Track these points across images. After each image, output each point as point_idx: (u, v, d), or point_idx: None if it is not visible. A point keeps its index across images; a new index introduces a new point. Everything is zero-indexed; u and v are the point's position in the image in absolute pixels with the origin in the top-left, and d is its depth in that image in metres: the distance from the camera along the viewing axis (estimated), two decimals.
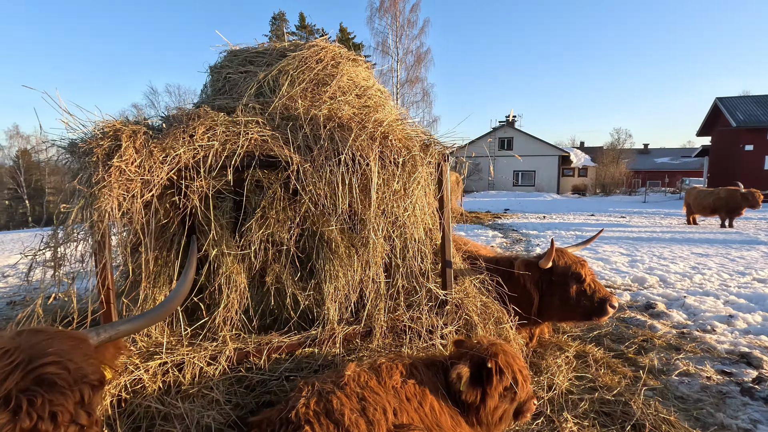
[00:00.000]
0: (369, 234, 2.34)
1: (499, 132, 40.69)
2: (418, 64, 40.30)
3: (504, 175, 40.88)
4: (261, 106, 2.42)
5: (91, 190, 1.79)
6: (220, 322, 2.37)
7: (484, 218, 17.62)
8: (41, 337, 1.32)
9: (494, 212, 20.87)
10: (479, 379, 2.04)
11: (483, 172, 41.52)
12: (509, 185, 40.63)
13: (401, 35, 39.85)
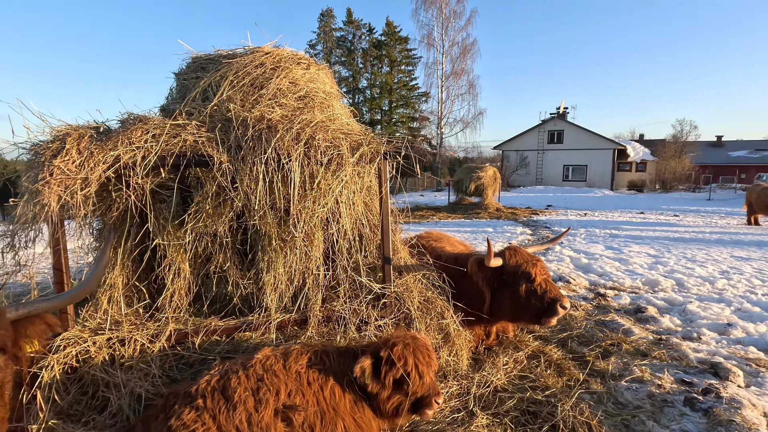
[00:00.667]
0: (291, 228, 2.49)
1: (549, 125, 38.95)
2: (463, 55, 39.52)
3: (553, 169, 39.13)
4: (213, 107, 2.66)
5: (34, 186, 2.11)
6: (165, 304, 2.65)
7: (520, 214, 17.10)
8: None
9: (535, 208, 20.14)
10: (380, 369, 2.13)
11: (531, 166, 40.07)
12: (558, 180, 38.86)
13: (447, 27, 39.23)
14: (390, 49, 47.41)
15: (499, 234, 10.91)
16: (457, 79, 40.01)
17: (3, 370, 1.68)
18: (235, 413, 1.88)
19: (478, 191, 19.45)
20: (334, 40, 48.93)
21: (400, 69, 48.81)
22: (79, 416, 2.23)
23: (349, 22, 49.07)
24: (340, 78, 49.50)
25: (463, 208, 19.37)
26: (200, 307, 2.88)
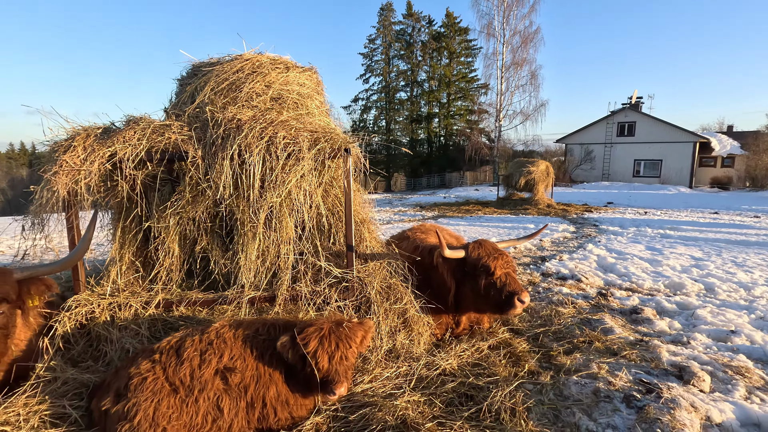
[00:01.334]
0: (251, 215, 2.83)
1: (619, 116, 36.20)
2: (524, 45, 37.93)
3: (622, 164, 36.39)
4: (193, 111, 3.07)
5: (47, 176, 2.63)
6: (161, 275, 3.13)
7: (571, 211, 16.34)
8: None
9: (592, 205, 19.08)
10: None
11: (596, 161, 37.63)
12: (628, 176, 36.10)
13: (508, 15, 37.85)
14: (449, 41, 46.72)
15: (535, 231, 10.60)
16: (517, 69, 38.49)
17: (7, 317, 2.19)
18: (181, 368, 2.26)
19: (528, 186, 18.82)
20: (393, 34, 49.12)
21: (459, 61, 47.96)
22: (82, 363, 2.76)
23: (409, 14, 48.99)
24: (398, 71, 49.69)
25: (512, 203, 18.87)
26: (193, 282, 3.34)
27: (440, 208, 19.40)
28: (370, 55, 50.10)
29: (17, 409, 2.27)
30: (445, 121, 48.44)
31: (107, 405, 2.18)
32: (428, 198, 28.62)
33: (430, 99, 48.65)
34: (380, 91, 50.29)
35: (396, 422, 2.30)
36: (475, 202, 21.80)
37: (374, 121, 51.41)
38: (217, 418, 2.23)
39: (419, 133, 50.60)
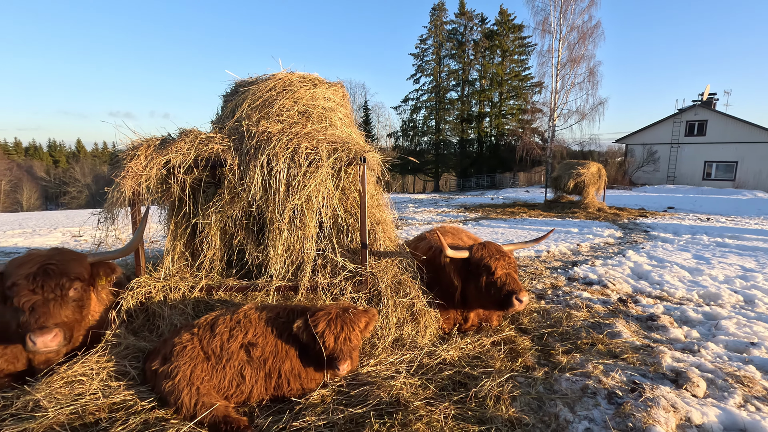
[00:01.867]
0: (276, 215, 3.26)
1: (688, 114, 33.64)
2: (582, 41, 36.35)
3: (690, 166, 33.79)
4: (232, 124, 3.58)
5: (117, 179, 3.24)
6: (205, 264, 3.67)
7: (624, 216, 15.65)
8: (59, 252, 2.76)
9: (650, 210, 18.09)
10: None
11: (661, 162, 35.25)
12: (697, 179, 33.48)
13: (566, 10, 36.45)
14: (502, 39, 45.73)
15: (576, 235, 10.37)
16: (574, 66, 36.95)
17: (81, 292, 2.78)
18: (214, 341, 2.74)
19: (577, 189, 18.21)
20: (445, 34, 48.90)
21: (512, 59, 46.80)
22: (140, 334, 3.36)
23: (461, 13, 48.55)
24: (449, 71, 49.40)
25: (559, 206, 18.36)
26: (232, 271, 3.87)
27: (485, 209, 19.27)
28: (421, 55, 50.23)
29: (91, 364, 2.86)
30: (497, 121, 47.49)
31: (156, 366, 2.70)
32: (475, 199, 28.36)
33: (482, 98, 47.89)
34: (430, 91, 50.27)
35: (390, 399, 2.63)
36: (522, 204, 21.39)
37: (424, 121, 51.49)
38: (240, 383, 2.69)
39: (469, 133, 49.97)
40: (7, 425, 2.36)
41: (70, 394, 2.61)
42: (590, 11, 35.71)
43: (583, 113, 37.84)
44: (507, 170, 46.13)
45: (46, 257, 2.70)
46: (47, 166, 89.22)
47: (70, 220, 17.32)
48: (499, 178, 46.17)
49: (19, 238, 11.25)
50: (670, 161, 34.39)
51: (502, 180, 45.91)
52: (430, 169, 51.87)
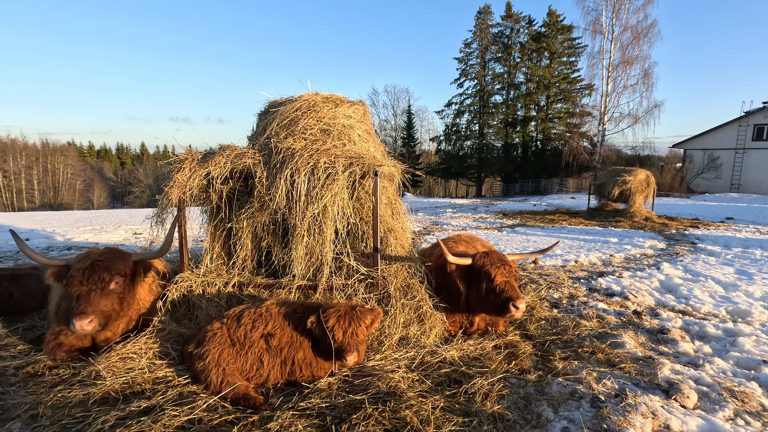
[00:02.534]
0: (297, 222, 3.67)
1: (756, 117, 31.17)
2: (636, 41, 34.77)
3: (758, 173, 31.24)
4: (263, 141, 4.05)
5: (166, 189, 3.79)
6: (237, 263, 4.17)
7: (672, 226, 14.94)
8: (109, 251, 3.33)
9: (704, 220, 17.09)
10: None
11: (724, 169, 32.87)
12: (766, 187, 30.86)
13: (618, 9, 35.01)
14: (550, 41, 44.50)
15: (614, 245, 10.12)
16: (627, 68, 35.38)
17: (122, 286, 3.33)
18: (238, 330, 3.18)
19: (623, 197, 17.52)
20: (490, 37, 48.31)
21: (560, 61, 45.40)
22: (182, 321, 3.89)
23: (508, 16, 47.79)
24: (494, 75, 48.71)
25: (603, 214, 17.76)
26: (261, 270, 4.34)
27: (524, 216, 18.99)
28: (465, 59, 49.92)
29: (141, 345, 3.41)
30: (543, 125, 46.19)
31: (191, 349, 3.19)
32: (516, 205, 27.86)
33: (527, 102, 46.78)
34: (474, 95, 49.80)
35: (387, 389, 2.95)
36: (564, 212, 20.84)
37: (467, 125, 51.05)
38: (259, 368, 3.11)
39: (514, 137, 48.93)
40: (76, 389, 2.92)
41: (123, 368, 3.15)
42: (645, 10, 34.08)
43: (636, 117, 36.10)
44: (553, 176, 44.71)
45: (98, 255, 3.28)
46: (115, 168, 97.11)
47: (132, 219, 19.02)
48: (544, 184, 44.85)
49: (89, 234, 12.62)
50: (735, 168, 31.99)
51: (547, 186, 44.55)
52: (473, 173, 51.30)
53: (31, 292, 4.55)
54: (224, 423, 2.61)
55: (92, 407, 2.74)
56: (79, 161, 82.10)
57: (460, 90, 50.61)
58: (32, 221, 17.24)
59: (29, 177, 70.77)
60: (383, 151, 4.73)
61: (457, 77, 50.38)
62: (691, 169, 33.56)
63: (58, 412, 2.68)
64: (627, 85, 35.68)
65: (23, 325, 4.18)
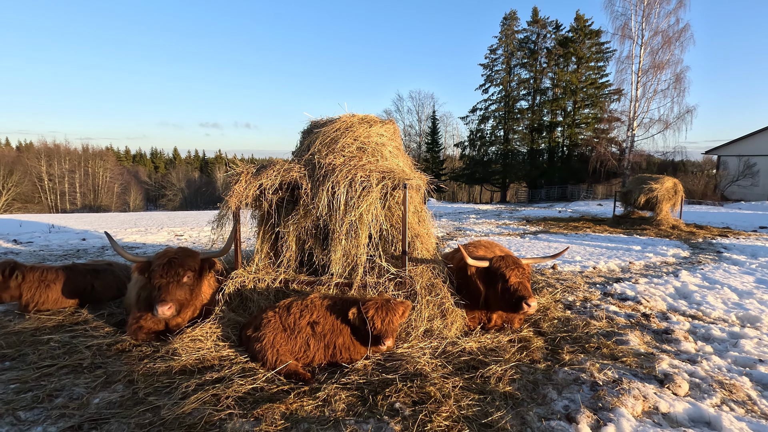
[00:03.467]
0: (337, 228, 4.25)
1: None
2: (667, 45, 34.20)
3: None
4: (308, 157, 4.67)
5: (226, 198, 4.45)
6: (283, 262, 4.79)
7: (700, 235, 14.87)
8: (182, 250, 4.00)
9: (736, 229, 16.82)
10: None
11: (761, 176, 31.85)
12: None
13: (648, 14, 34.56)
14: (578, 46, 44.13)
15: (635, 253, 10.31)
16: (657, 72, 34.80)
17: (193, 280, 3.98)
18: (289, 318, 3.78)
19: (649, 205, 17.45)
20: (516, 43, 48.27)
21: (588, 66, 44.92)
22: (237, 311, 4.53)
23: (534, 21, 47.68)
24: (519, 80, 48.59)
25: (629, 222, 17.73)
26: (303, 269, 4.95)
27: (547, 223, 19.13)
28: (491, 65, 50.01)
29: (206, 329, 4.06)
30: (569, 131, 45.73)
31: (249, 333, 3.81)
32: (541, 211, 27.83)
33: (554, 107, 46.45)
34: (499, 101, 49.79)
35: (414, 371, 3.47)
36: (589, 219, 20.83)
37: (492, 131, 51.05)
38: (306, 350, 3.69)
39: (540, 143, 48.58)
40: (159, 362, 3.58)
41: (194, 347, 3.80)
42: (677, 14, 33.53)
43: (667, 122, 35.43)
44: (580, 182, 44.19)
45: (173, 253, 3.94)
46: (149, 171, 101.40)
47: (171, 221, 20.22)
48: (571, 190, 44.36)
49: (136, 236, 13.67)
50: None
51: (574, 192, 44.04)
52: (497, 179, 51.17)
53: (107, 285, 5.32)
54: (281, 392, 3.19)
55: (175, 376, 3.38)
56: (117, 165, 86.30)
57: (485, 96, 50.76)
58: (83, 222, 18.63)
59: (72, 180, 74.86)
60: (411, 164, 5.28)
61: (482, 83, 50.55)
62: (725, 176, 32.65)
63: (149, 379, 3.33)
64: (657, 90, 35.10)
65: (105, 312, 4.93)
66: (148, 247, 11.24)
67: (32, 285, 4.90)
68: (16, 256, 9.54)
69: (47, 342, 4.05)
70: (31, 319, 4.70)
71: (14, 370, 3.50)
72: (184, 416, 2.80)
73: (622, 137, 39.12)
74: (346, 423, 2.75)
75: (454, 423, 2.75)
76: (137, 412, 2.87)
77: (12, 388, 3.20)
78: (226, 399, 3.00)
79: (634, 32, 34.68)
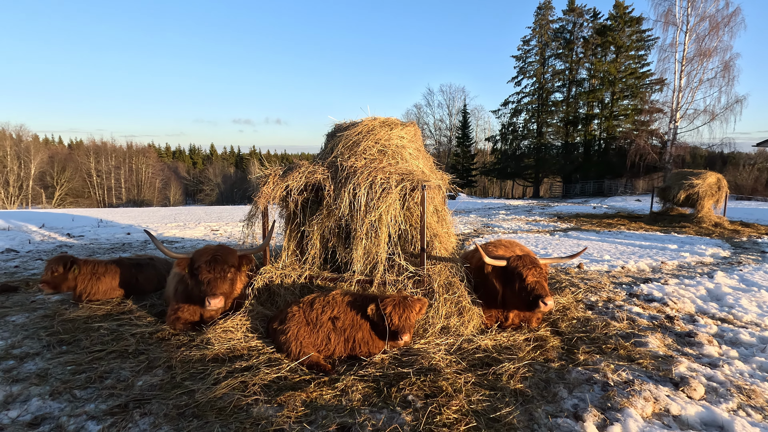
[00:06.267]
0: (358, 227, 4.44)
1: None
2: (715, 31, 32.35)
3: None
4: (330, 159, 4.88)
5: (255, 198, 4.74)
6: (308, 259, 5.04)
7: (745, 233, 14.18)
8: (222, 247, 4.31)
9: None
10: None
11: None
12: None
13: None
14: (617, 34, 42.29)
15: (670, 252, 9.97)
16: (703, 60, 32.98)
17: (233, 275, 4.28)
18: (312, 312, 4.02)
19: (690, 201, 16.71)
20: (551, 33, 46.85)
21: (628, 55, 43.00)
22: (265, 305, 4.83)
23: (570, 10, 46.10)
24: (554, 72, 47.19)
25: (667, 219, 17.06)
26: (327, 266, 5.20)
27: (579, 219, 18.68)
28: (524, 57, 48.81)
29: (237, 321, 4.37)
30: (607, 123, 44.03)
31: (275, 326, 4.08)
32: (574, 207, 27.12)
33: (590, 99, 44.85)
34: (532, 93, 48.58)
35: (429, 366, 3.64)
36: (625, 216, 20.18)
37: (524, 125, 49.91)
38: (327, 343, 3.92)
39: (575, 136, 47.04)
40: (194, 350, 3.91)
41: (226, 337, 4.11)
42: None
43: (714, 113, 33.57)
44: (617, 176, 42.53)
45: (214, 250, 4.25)
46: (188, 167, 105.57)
47: (208, 216, 21.15)
48: (607, 185, 42.81)
49: (176, 230, 14.45)
50: None
51: (611, 186, 42.47)
52: (530, 174, 50.07)
53: (149, 278, 5.77)
54: (303, 381, 3.44)
55: (208, 363, 3.69)
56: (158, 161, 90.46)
57: (517, 88, 49.68)
58: (128, 217, 19.83)
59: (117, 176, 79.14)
60: (432, 165, 5.41)
61: (515, 75, 49.45)
62: None
63: (185, 365, 3.66)
64: (703, 79, 33.28)
65: (147, 303, 5.37)
66: (186, 242, 11.90)
67: (85, 277, 5.40)
68: (69, 249, 10.37)
69: (98, 329, 4.49)
70: (84, 308, 5.19)
71: (70, 353, 3.93)
72: (216, 400, 3.09)
73: (664, 129, 37.35)
74: (361, 412, 2.95)
75: (462, 416, 2.90)
76: (175, 394, 3.18)
77: (68, 369, 3.61)
78: (253, 386, 3.27)
79: (679, 18, 32.93)
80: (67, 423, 2.83)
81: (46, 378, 3.45)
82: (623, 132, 42.75)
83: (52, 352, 3.96)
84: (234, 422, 2.83)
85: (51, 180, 66.34)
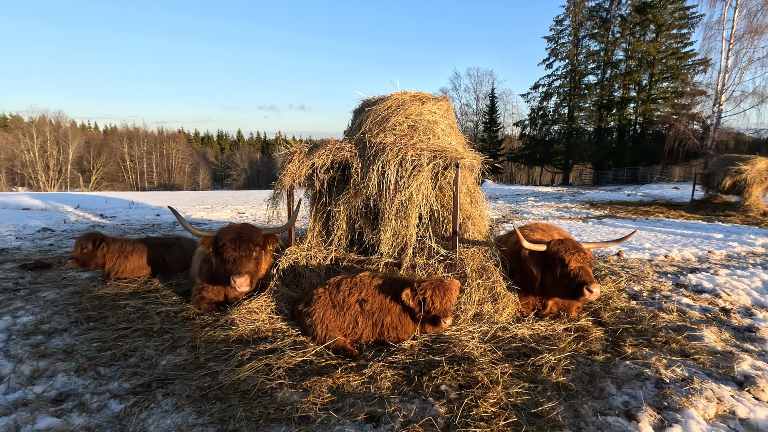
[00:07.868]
0: (387, 207, 4.20)
1: None
2: None
3: None
4: (358, 136, 4.64)
5: (280, 176, 4.56)
6: (334, 241, 4.86)
7: None
8: (246, 226, 4.17)
9: None
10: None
11: None
12: None
13: None
14: (658, 12, 39.82)
15: (717, 242, 9.31)
16: (754, 38, 30.75)
17: (258, 254, 4.14)
18: (338, 295, 3.85)
19: (736, 188, 15.68)
20: (586, 12, 44.66)
21: (669, 34, 40.56)
22: (290, 286, 4.70)
23: None
24: (588, 53, 45.13)
25: (710, 207, 16.11)
26: (353, 248, 5.01)
27: (614, 207, 17.88)
28: (556, 37, 46.86)
29: (261, 302, 4.25)
30: (644, 107, 41.88)
31: (301, 308, 3.93)
32: (607, 195, 26.07)
33: (627, 81, 42.68)
34: (564, 76, 46.71)
35: (462, 354, 3.41)
36: (663, 203, 19.19)
37: (555, 109, 48.20)
38: (355, 327, 3.74)
39: (609, 121, 45.05)
40: (218, 331, 3.81)
41: (250, 318, 4.00)
42: None
43: (763, 95, 31.40)
44: (653, 163, 40.57)
45: (239, 228, 4.11)
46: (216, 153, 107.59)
47: (234, 199, 21.42)
48: (642, 172, 40.92)
49: (203, 212, 14.63)
50: None
51: (646, 174, 40.58)
52: (560, 160, 48.47)
53: (176, 257, 5.75)
54: (329, 366, 3.28)
55: (232, 344, 3.59)
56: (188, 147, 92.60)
57: (548, 71, 47.84)
58: (158, 200, 20.29)
59: (149, 161, 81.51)
60: (464, 143, 5.09)
61: (546, 57, 47.59)
62: None
63: (209, 346, 3.56)
64: (753, 58, 31.05)
65: (173, 282, 5.34)
66: (213, 224, 12.00)
67: (113, 255, 5.41)
68: (101, 228, 10.61)
69: (124, 307, 4.47)
70: (112, 285, 5.21)
71: (97, 330, 3.91)
72: (239, 383, 2.97)
73: (707, 113, 35.24)
74: (391, 401, 2.76)
75: (501, 410, 2.67)
76: (198, 375, 3.08)
77: (95, 346, 3.58)
78: (277, 369, 3.14)
79: None
80: (90, 401, 2.76)
81: (73, 354, 3.42)
82: (661, 116, 40.56)
83: (80, 328, 3.95)
84: (258, 406, 2.69)
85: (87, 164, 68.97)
